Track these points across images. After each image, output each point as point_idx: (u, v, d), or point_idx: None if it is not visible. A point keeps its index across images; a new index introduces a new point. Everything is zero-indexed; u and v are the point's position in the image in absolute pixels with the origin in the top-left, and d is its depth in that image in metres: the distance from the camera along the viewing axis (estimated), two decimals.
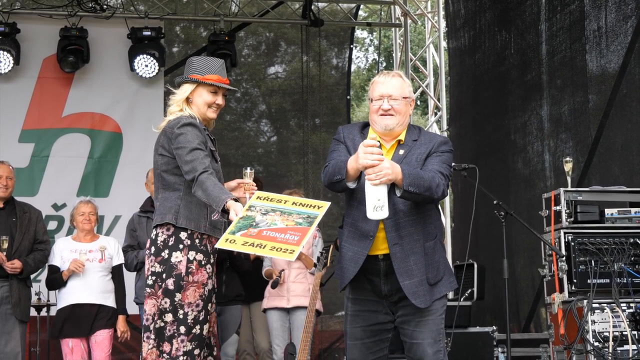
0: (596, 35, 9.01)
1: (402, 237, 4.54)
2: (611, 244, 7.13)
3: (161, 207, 5.09)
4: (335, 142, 4.78)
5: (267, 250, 4.37)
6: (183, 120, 5.05)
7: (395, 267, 4.52)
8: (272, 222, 4.49)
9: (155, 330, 5.04)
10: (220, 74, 5.19)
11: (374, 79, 4.78)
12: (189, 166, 4.90)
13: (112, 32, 10.99)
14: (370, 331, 4.71)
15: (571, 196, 7.29)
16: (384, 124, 4.63)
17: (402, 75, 4.79)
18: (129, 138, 10.95)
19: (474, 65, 11.64)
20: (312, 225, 4.42)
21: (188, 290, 5.02)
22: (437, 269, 4.64)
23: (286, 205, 4.58)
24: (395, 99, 4.64)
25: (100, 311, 7.47)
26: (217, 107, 5.24)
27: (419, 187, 4.36)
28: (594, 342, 6.86)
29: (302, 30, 12.18)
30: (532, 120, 10.21)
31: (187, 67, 5.24)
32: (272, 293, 7.82)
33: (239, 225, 4.52)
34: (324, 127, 12.58)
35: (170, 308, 5.02)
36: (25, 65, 10.72)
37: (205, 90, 5.17)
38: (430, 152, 4.64)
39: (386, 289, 4.63)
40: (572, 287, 7.12)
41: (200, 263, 5.07)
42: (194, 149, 4.94)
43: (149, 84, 11.00)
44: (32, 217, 7.70)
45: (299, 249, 4.34)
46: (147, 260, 5.13)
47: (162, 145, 5.10)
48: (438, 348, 4.62)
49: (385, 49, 20.94)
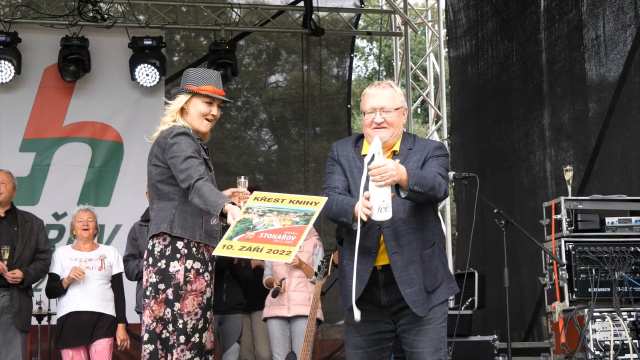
0: (595, 44, 9.02)
1: (401, 245, 4.54)
2: (612, 253, 7.13)
3: (156, 217, 5.09)
4: (331, 161, 4.77)
5: (264, 254, 4.37)
6: (176, 130, 5.06)
7: (396, 275, 4.52)
8: (269, 223, 4.48)
9: (162, 341, 5.04)
10: (215, 85, 5.20)
11: (365, 91, 4.76)
12: (184, 174, 4.91)
13: (113, 41, 11.01)
14: (372, 340, 4.71)
15: (572, 205, 7.29)
16: (379, 138, 4.60)
17: (393, 84, 4.76)
18: (129, 147, 10.96)
19: (476, 74, 11.65)
20: (308, 223, 4.41)
21: (187, 299, 5.02)
22: (434, 277, 4.63)
23: (283, 204, 4.57)
24: (388, 111, 4.62)
25: (100, 319, 7.47)
26: (212, 118, 5.23)
27: (423, 187, 4.37)
28: (595, 351, 6.86)
29: (302, 40, 12.21)
30: (534, 129, 10.22)
31: (184, 79, 5.24)
32: (273, 302, 7.82)
33: (236, 229, 4.51)
34: (324, 136, 12.59)
35: (171, 318, 5.02)
36: (27, 75, 10.74)
37: (200, 101, 5.17)
38: (426, 157, 4.64)
39: (386, 300, 4.62)
40: (572, 296, 7.11)
41: (198, 271, 5.06)
42: (188, 157, 4.94)
43: (149, 93, 11.02)
44: (34, 227, 7.70)
45: (295, 250, 4.34)
46: (145, 271, 5.13)
47: (156, 155, 5.10)
48: (439, 357, 4.62)
49: (385, 57, 20.99)
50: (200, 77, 5.20)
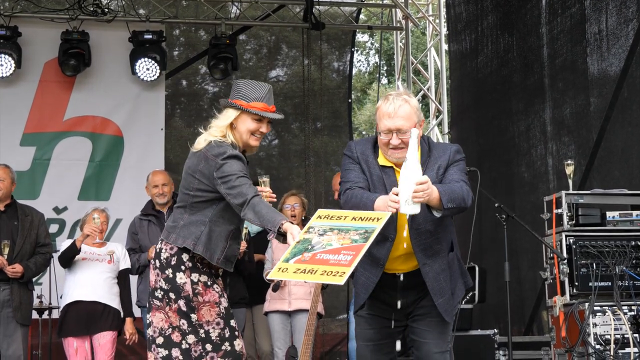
0: (597, 39, 9.01)
1: (429, 256, 4.53)
2: (613, 247, 7.14)
3: (184, 230, 4.95)
4: (349, 160, 4.66)
5: (318, 276, 4.20)
6: (229, 152, 4.86)
7: (429, 286, 4.52)
8: (328, 242, 4.31)
9: (182, 352, 4.97)
10: (266, 101, 4.98)
11: (379, 106, 4.57)
12: (237, 190, 4.74)
13: (114, 35, 10.99)
14: (383, 333, 4.74)
15: (573, 199, 7.29)
16: (396, 158, 4.52)
17: (409, 98, 4.54)
18: (130, 141, 10.95)
19: (476, 68, 11.64)
20: (367, 241, 4.20)
21: (202, 310, 4.97)
22: (456, 279, 4.68)
23: (345, 222, 4.39)
24: (405, 132, 4.45)
25: (105, 311, 7.46)
26: (261, 135, 5.05)
27: (455, 201, 4.34)
28: (596, 345, 6.86)
29: (303, 34, 12.17)
30: (535, 123, 10.21)
31: (233, 91, 5.04)
32: (274, 296, 7.81)
33: (294, 251, 4.37)
34: (325, 131, 12.58)
35: (190, 329, 4.95)
36: (27, 69, 10.72)
37: (249, 118, 4.95)
38: (448, 164, 4.56)
39: (402, 303, 4.65)
40: (573, 290, 7.12)
41: (206, 284, 4.99)
42: (241, 177, 4.78)
43: (150, 87, 11.01)
44: (34, 220, 7.69)
45: (349, 270, 4.13)
46: (153, 271, 5.07)
47: (201, 170, 4.91)
48: (445, 348, 4.65)
49: (386, 52, 20.96)
50: (251, 91, 4.98)
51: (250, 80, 5.11)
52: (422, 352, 4.64)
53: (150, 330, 5.03)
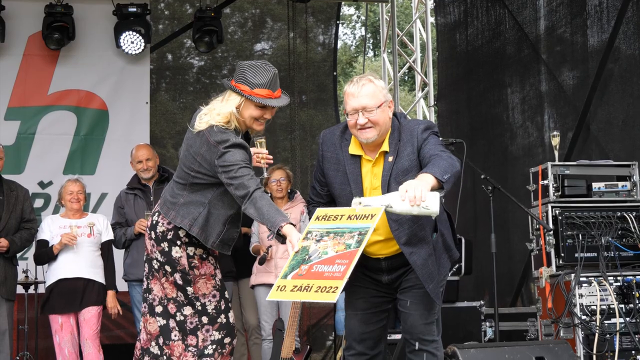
0: (597, 11, 8.95)
1: (414, 244, 4.54)
2: (598, 218, 7.17)
3: (183, 209, 4.92)
4: (317, 160, 4.75)
5: (312, 294, 4.15)
6: (231, 140, 4.77)
7: (419, 274, 4.53)
8: (324, 251, 4.27)
9: (177, 324, 5.01)
10: (271, 87, 4.89)
11: (345, 89, 4.61)
12: (239, 181, 4.68)
13: (98, 8, 10.89)
14: (371, 303, 4.77)
15: (558, 170, 7.31)
16: (365, 138, 4.54)
17: (373, 79, 4.57)
18: (115, 115, 10.88)
19: (465, 40, 11.59)
20: (360, 247, 4.16)
21: (198, 283, 4.99)
22: (440, 257, 4.66)
23: (341, 222, 4.35)
24: (370, 110, 4.49)
25: (89, 286, 7.45)
26: (264, 120, 4.98)
27: (449, 170, 4.29)
28: (582, 316, 6.90)
29: (288, 7, 12.11)
30: (529, 95, 10.19)
31: (237, 73, 4.94)
32: (260, 269, 7.80)
33: (292, 264, 4.33)
34: (311, 104, 12.55)
35: (186, 301, 4.98)
36: (11, 43, 10.62)
37: (252, 105, 4.86)
38: (419, 145, 4.53)
39: (387, 279, 4.71)
40: (559, 261, 7.15)
41: (202, 257, 5.01)
42: (243, 167, 4.72)
43: (135, 60, 10.94)
44: (20, 196, 7.67)
45: (342, 284, 4.09)
46: (148, 241, 5.05)
47: (203, 155, 4.83)
48: (431, 320, 4.67)
49: (371, 24, 20.89)
50: (255, 77, 4.87)
51: (255, 63, 4.96)
52: (408, 323, 4.66)
53: (151, 298, 5.07)
